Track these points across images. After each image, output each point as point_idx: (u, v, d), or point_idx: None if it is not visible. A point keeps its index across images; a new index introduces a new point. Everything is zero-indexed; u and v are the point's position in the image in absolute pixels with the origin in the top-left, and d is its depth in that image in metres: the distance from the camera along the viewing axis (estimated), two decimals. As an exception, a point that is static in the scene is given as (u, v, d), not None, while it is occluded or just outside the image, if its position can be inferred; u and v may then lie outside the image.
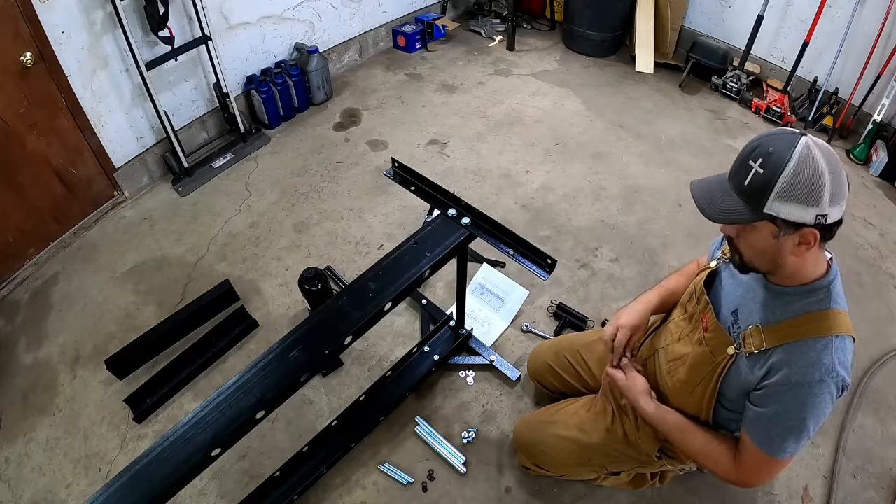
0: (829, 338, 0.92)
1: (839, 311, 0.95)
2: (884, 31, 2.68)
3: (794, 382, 0.93)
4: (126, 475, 0.99)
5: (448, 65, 3.60)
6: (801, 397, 0.93)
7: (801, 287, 0.96)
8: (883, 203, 2.64)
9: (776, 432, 0.97)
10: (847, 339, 0.94)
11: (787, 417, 0.95)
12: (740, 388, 1.03)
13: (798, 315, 0.96)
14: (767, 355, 0.97)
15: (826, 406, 0.93)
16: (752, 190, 0.87)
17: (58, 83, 2.11)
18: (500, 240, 1.41)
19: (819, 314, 0.94)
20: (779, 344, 0.96)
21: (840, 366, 0.92)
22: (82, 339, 2.01)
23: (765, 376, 0.97)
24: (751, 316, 1.03)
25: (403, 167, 1.59)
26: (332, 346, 1.16)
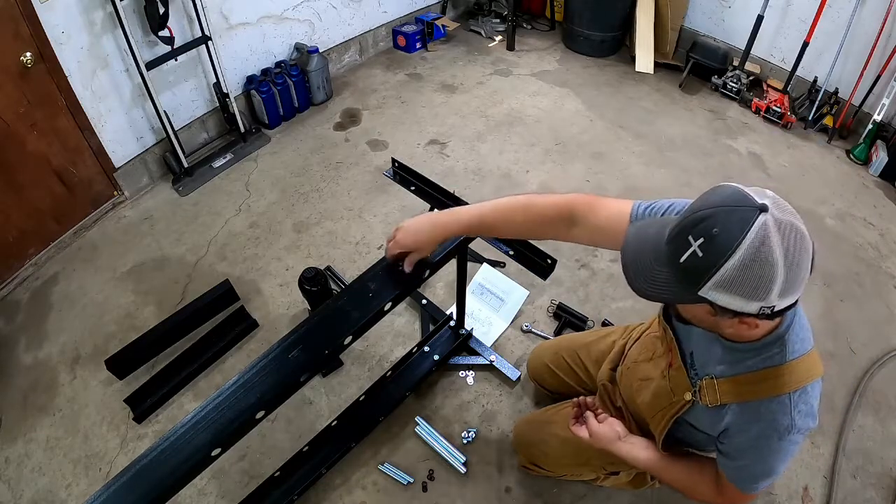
0: (786, 395, 0.87)
1: (797, 361, 0.87)
2: (884, 31, 2.68)
3: (754, 444, 0.92)
4: (126, 475, 0.99)
5: (448, 65, 3.60)
6: (764, 454, 0.92)
7: (753, 343, 0.88)
8: (883, 203, 2.64)
9: (745, 475, 0.98)
10: (807, 386, 0.88)
11: (753, 467, 0.96)
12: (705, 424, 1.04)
13: (752, 371, 0.89)
14: (723, 412, 0.95)
15: (792, 451, 0.93)
16: (687, 269, 0.74)
17: (58, 83, 2.11)
18: (500, 240, 1.41)
19: (774, 370, 0.87)
20: (734, 401, 0.92)
21: (801, 417, 0.88)
22: (82, 339, 2.01)
23: (724, 433, 0.97)
24: (706, 365, 0.99)
25: (403, 167, 1.59)
26: (332, 346, 1.16)
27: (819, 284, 2.21)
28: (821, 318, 2.09)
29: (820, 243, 2.38)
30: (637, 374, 1.23)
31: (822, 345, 1.99)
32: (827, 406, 1.81)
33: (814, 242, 0.74)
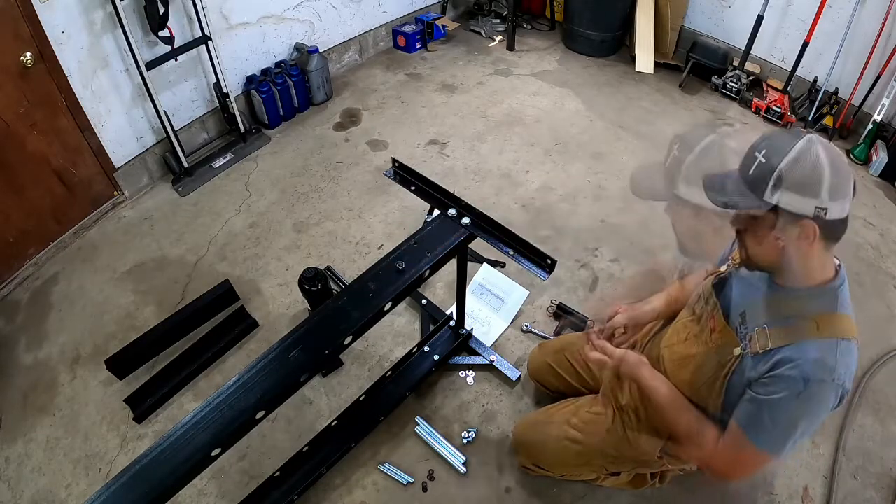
0: (835, 340, 0.92)
1: (846, 316, 0.95)
2: (884, 31, 2.68)
3: (796, 377, 0.93)
4: (126, 475, 0.99)
5: (448, 65, 3.60)
6: (800, 394, 0.93)
7: (807, 289, 0.96)
8: (883, 203, 2.64)
9: (765, 422, 0.97)
10: (853, 344, 0.94)
11: (781, 410, 0.95)
12: (742, 387, 1.03)
13: (804, 316, 0.96)
14: (772, 354, 0.97)
15: (822, 409, 0.93)
16: (754, 178, 0.89)
17: (58, 83, 2.11)
18: (500, 240, 1.41)
19: (826, 316, 0.94)
20: (785, 344, 0.95)
21: (843, 369, 0.91)
22: (82, 339, 2.01)
23: (768, 371, 0.97)
24: (758, 317, 1.02)
25: (404, 167, 1.59)
26: (332, 346, 1.16)
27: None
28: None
29: (820, 243, 2.39)
30: (673, 356, 1.23)
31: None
32: (827, 406, 1.81)
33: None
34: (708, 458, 1.08)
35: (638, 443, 1.31)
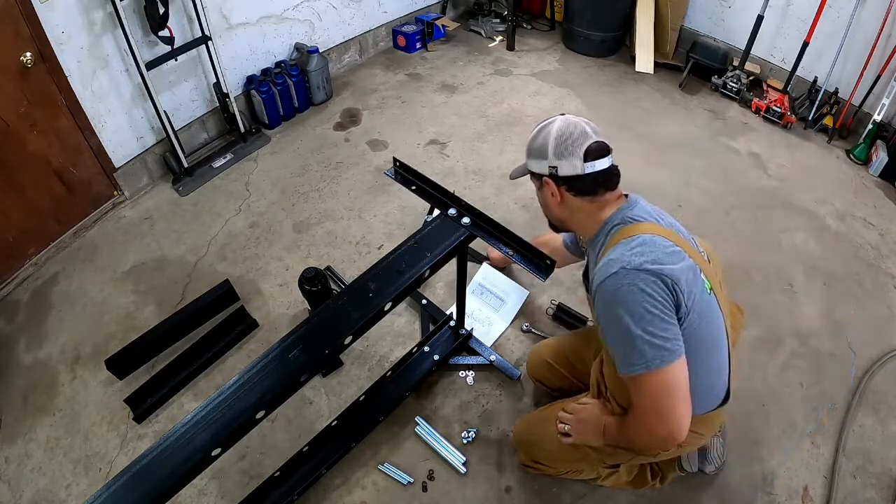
0: (620, 242, 1.05)
1: (632, 224, 1.09)
2: (884, 31, 2.68)
3: (597, 289, 1.04)
4: (126, 475, 0.99)
5: (448, 65, 3.60)
6: (607, 300, 1.01)
7: (598, 231, 1.16)
8: (883, 203, 2.64)
9: (617, 349, 1.03)
10: (641, 236, 1.04)
11: (610, 327, 1.01)
12: None
13: (604, 247, 1.12)
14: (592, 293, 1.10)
15: (636, 298, 0.96)
16: (526, 153, 1.21)
17: (58, 83, 2.11)
18: (500, 240, 1.41)
19: (613, 237, 1.10)
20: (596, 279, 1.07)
21: (630, 255, 1.00)
22: (82, 339, 2.01)
23: (593, 308, 1.10)
24: (593, 278, 1.14)
25: (404, 166, 1.59)
26: (332, 346, 1.16)
27: (819, 284, 2.21)
28: (821, 318, 2.09)
29: (820, 243, 2.39)
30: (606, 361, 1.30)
31: (823, 345, 1.99)
32: (827, 406, 1.82)
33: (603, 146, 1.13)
34: (638, 431, 1.08)
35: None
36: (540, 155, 1.15)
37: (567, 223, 1.24)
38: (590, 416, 1.28)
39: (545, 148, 1.13)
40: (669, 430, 1.00)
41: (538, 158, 1.16)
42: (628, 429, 1.12)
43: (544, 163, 1.14)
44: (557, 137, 1.11)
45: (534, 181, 1.23)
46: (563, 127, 1.12)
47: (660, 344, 0.96)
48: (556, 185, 1.15)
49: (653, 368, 0.96)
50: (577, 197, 1.15)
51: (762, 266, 2.27)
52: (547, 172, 1.14)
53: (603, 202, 1.15)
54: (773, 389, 1.85)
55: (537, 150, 1.15)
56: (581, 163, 1.10)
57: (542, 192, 1.21)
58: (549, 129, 1.14)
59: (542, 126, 1.16)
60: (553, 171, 1.13)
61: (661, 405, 1.00)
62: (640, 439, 1.11)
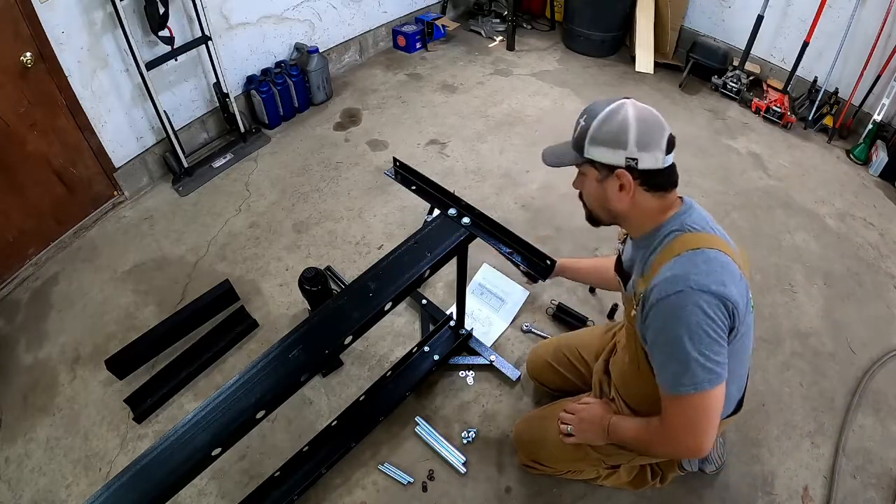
0: (683, 254, 0.98)
1: (693, 233, 1.01)
2: (884, 31, 2.68)
3: (656, 303, 0.97)
4: (126, 475, 0.99)
5: (448, 65, 3.60)
6: (667, 317, 0.96)
7: (653, 232, 1.06)
8: (883, 203, 2.64)
9: (665, 364, 0.99)
10: (707, 251, 0.97)
11: (665, 344, 0.97)
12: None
13: (657, 250, 1.04)
14: (641, 299, 1.04)
15: (697, 319, 0.93)
16: (577, 139, 1.04)
17: (58, 83, 2.11)
18: (500, 240, 1.41)
19: (673, 241, 1.02)
20: (647, 286, 1.01)
21: (697, 274, 0.94)
22: (82, 339, 2.01)
23: (642, 318, 1.02)
24: (635, 276, 1.12)
25: (405, 166, 1.59)
26: (332, 346, 1.16)
27: (819, 284, 2.21)
28: (821, 318, 2.09)
29: (820, 243, 2.39)
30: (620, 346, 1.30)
31: (822, 345, 1.99)
32: (827, 406, 1.82)
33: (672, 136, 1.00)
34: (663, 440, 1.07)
35: None
36: (616, 144, 0.98)
37: (623, 219, 1.10)
38: (593, 416, 1.28)
39: (624, 136, 0.97)
40: (699, 446, 1.01)
41: (612, 147, 0.99)
42: (650, 437, 1.10)
43: (621, 153, 0.98)
44: (640, 124, 0.97)
45: (589, 170, 1.05)
46: (642, 114, 0.98)
47: (711, 367, 0.95)
48: (632, 178, 1.00)
49: (700, 390, 0.96)
50: (648, 192, 1.02)
51: (762, 266, 2.27)
52: (623, 164, 0.99)
53: (668, 201, 1.05)
54: (773, 389, 1.85)
55: (611, 138, 0.98)
56: (663, 155, 0.99)
57: (605, 185, 1.04)
58: (626, 115, 0.98)
59: (610, 111, 0.99)
60: (632, 163, 0.98)
61: (699, 424, 1.00)
62: (664, 449, 1.09)
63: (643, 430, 1.13)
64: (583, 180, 1.10)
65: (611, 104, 1.00)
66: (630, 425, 1.18)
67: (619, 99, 1.01)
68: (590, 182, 1.07)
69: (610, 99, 1.02)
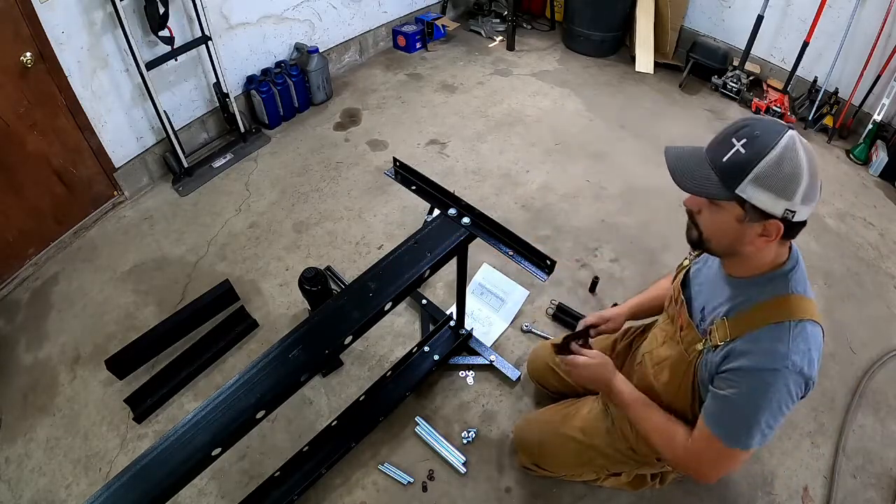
0: (786, 324, 0.91)
1: (798, 297, 0.94)
2: (884, 31, 2.68)
3: (749, 369, 0.92)
4: (126, 475, 0.99)
5: (448, 65, 3.60)
6: (755, 386, 0.92)
7: (758, 277, 0.96)
8: (883, 203, 2.64)
9: (728, 418, 0.96)
10: (808, 324, 0.92)
11: (741, 405, 0.94)
12: (707, 381, 1.04)
13: (756, 304, 0.96)
14: (726, 345, 0.98)
15: (781, 398, 0.91)
16: (730, 167, 0.85)
17: (58, 83, 2.11)
18: (500, 240, 1.41)
19: (775, 300, 0.94)
20: (740, 335, 0.95)
21: (797, 354, 0.90)
22: (82, 339, 2.01)
23: (723, 361, 0.97)
24: (716, 310, 1.04)
25: (405, 166, 1.59)
26: (332, 346, 1.16)
27: (819, 284, 2.21)
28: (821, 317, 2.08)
29: (820, 243, 2.39)
30: (653, 360, 1.23)
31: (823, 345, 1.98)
32: (827, 406, 1.81)
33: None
34: (679, 458, 1.07)
35: (637, 444, 1.31)
36: (782, 192, 0.83)
37: (734, 255, 0.96)
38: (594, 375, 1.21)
39: (794, 186, 0.82)
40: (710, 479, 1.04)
41: (777, 195, 0.83)
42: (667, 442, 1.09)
43: (783, 203, 0.83)
44: (811, 174, 0.83)
45: (732, 207, 0.88)
46: (811, 157, 0.83)
47: (767, 435, 0.95)
48: (783, 230, 0.87)
49: (741, 448, 0.96)
50: (780, 239, 0.89)
51: (762, 266, 2.27)
52: (780, 215, 0.84)
53: (784, 248, 0.96)
54: (773, 389, 1.85)
55: (781, 186, 0.82)
56: (813, 207, 0.87)
57: (745, 227, 0.89)
58: (799, 159, 0.82)
59: (784, 149, 0.82)
60: (790, 215, 0.84)
61: (725, 468, 1.02)
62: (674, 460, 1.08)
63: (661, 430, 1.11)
64: (712, 210, 0.92)
65: (781, 136, 0.82)
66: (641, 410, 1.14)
67: (784, 126, 0.84)
68: (724, 217, 0.90)
69: (773, 122, 0.86)
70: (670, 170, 0.93)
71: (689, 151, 0.94)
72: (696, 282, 1.13)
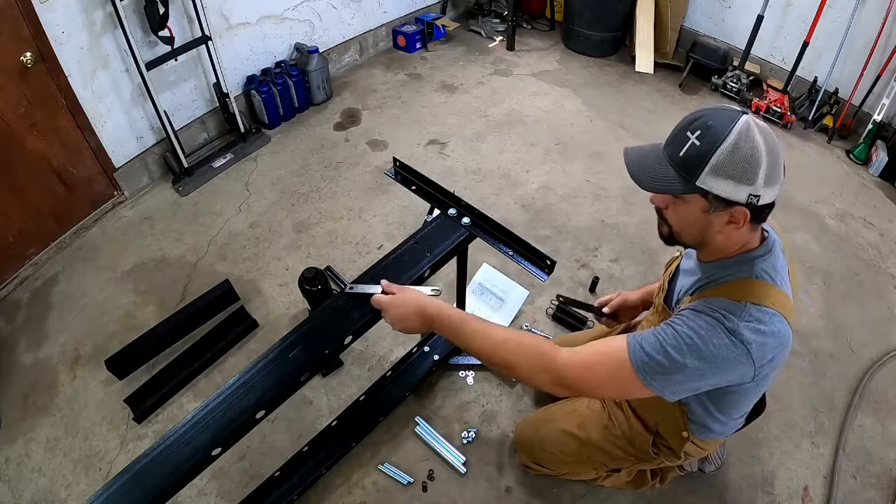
0: (743, 303, 0.88)
1: (762, 283, 0.91)
2: (884, 31, 2.68)
3: (695, 312, 0.89)
4: (126, 475, 0.99)
5: (448, 65, 3.60)
6: (693, 327, 0.87)
7: (727, 260, 0.96)
8: (883, 203, 2.64)
9: (649, 342, 0.90)
10: (768, 311, 0.87)
11: (669, 335, 0.88)
12: None
13: (719, 284, 0.95)
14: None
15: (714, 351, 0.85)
16: (686, 161, 0.86)
17: (58, 83, 2.11)
18: (499, 240, 1.41)
19: (738, 282, 0.93)
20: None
21: (749, 330, 0.85)
22: (82, 339, 2.01)
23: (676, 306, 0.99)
24: (682, 291, 1.07)
25: (405, 166, 1.59)
26: (332, 346, 1.16)
27: (819, 284, 2.21)
28: (821, 318, 2.09)
29: (820, 243, 2.39)
30: None
31: (823, 345, 1.99)
32: (827, 406, 1.82)
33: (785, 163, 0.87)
34: (560, 364, 0.96)
35: (633, 437, 1.31)
36: (742, 178, 0.82)
37: (706, 244, 0.96)
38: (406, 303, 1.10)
39: (754, 170, 0.82)
40: (585, 392, 0.99)
41: (737, 182, 0.82)
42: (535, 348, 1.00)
43: (745, 189, 0.83)
44: (770, 155, 0.82)
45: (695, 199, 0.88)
46: (769, 140, 0.83)
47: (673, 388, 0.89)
48: (750, 215, 0.86)
49: (644, 382, 0.90)
50: (749, 223, 0.89)
51: (762, 266, 2.27)
52: (744, 201, 0.84)
53: (755, 232, 0.95)
54: (774, 389, 1.84)
55: (740, 172, 0.82)
56: (778, 188, 0.86)
57: (712, 217, 0.88)
58: (756, 143, 0.81)
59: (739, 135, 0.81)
60: (754, 200, 0.84)
61: (611, 389, 0.98)
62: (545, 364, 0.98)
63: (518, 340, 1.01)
64: (678, 205, 0.92)
65: (735, 123, 0.82)
66: (481, 323, 1.05)
67: (737, 112, 0.84)
68: (690, 210, 0.90)
69: (726, 110, 0.85)
70: (629, 172, 0.93)
71: (648, 150, 0.94)
72: (682, 273, 1.15)
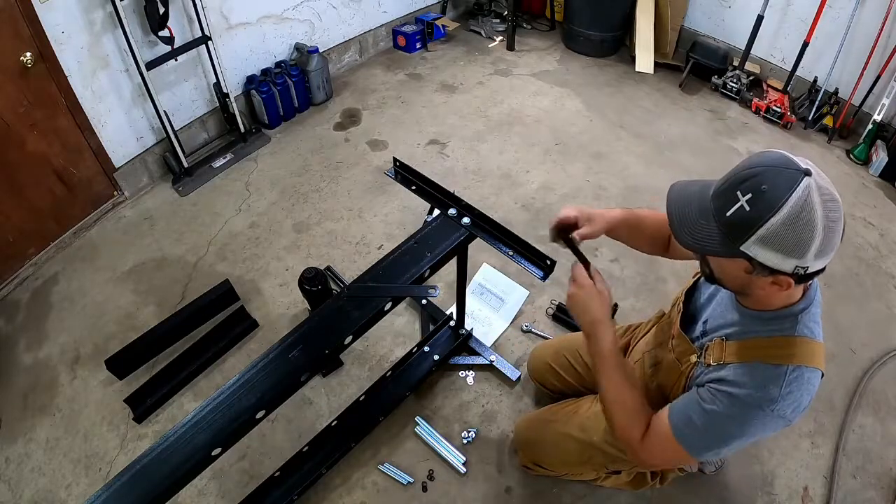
0: (783, 367, 0.87)
1: (804, 340, 0.89)
2: (884, 31, 2.68)
3: (737, 397, 0.89)
4: (126, 475, 0.99)
5: (448, 65, 3.60)
6: (735, 414, 0.90)
7: (769, 312, 0.92)
8: (883, 203, 2.64)
9: (696, 425, 0.93)
10: (807, 371, 0.88)
11: (714, 423, 0.92)
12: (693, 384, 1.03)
13: (758, 337, 0.92)
14: (721, 367, 0.96)
15: (755, 432, 0.90)
16: (733, 223, 0.78)
17: (58, 83, 2.11)
18: (499, 240, 1.41)
19: (780, 339, 0.90)
20: (734, 362, 0.93)
21: (786, 401, 0.86)
22: (82, 339, 2.01)
23: (714, 381, 0.95)
24: (718, 330, 1.01)
25: (405, 166, 1.59)
26: (332, 346, 1.16)
27: (819, 285, 2.21)
28: (821, 318, 2.08)
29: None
30: (649, 362, 1.24)
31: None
32: (827, 406, 1.81)
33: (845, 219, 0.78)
34: (632, 442, 1.03)
35: None
36: (792, 252, 0.75)
37: (748, 296, 0.92)
38: (592, 306, 1.10)
39: (805, 246, 0.75)
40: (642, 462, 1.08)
41: (785, 255, 0.76)
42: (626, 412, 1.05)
43: (792, 262, 0.76)
44: (826, 230, 0.74)
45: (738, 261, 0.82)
46: (829, 207, 0.74)
47: (722, 455, 0.96)
48: (795, 281, 0.80)
49: (691, 454, 0.96)
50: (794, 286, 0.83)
51: (762, 266, 2.27)
52: (790, 271, 0.78)
53: (800, 288, 0.90)
54: (773, 389, 1.85)
55: (789, 247, 0.75)
56: (831, 257, 0.78)
57: (754, 278, 0.83)
58: (813, 216, 0.73)
59: (795, 206, 0.73)
60: (801, 271, 0.77)
61: (662, 461, 1.07)
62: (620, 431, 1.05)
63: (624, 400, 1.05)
64: (720, 263, 0.87)
65: (792, 192, 0.73)
66: (613, 371, 1.06)
67: (798, 174, 0.74)
68: (732, 266, 0.84)
69: (787, 169, 0.75)
70: (669, 221, 0.87)
71: (694, 194, 0.86)
72: (707, 291, 1.11)
